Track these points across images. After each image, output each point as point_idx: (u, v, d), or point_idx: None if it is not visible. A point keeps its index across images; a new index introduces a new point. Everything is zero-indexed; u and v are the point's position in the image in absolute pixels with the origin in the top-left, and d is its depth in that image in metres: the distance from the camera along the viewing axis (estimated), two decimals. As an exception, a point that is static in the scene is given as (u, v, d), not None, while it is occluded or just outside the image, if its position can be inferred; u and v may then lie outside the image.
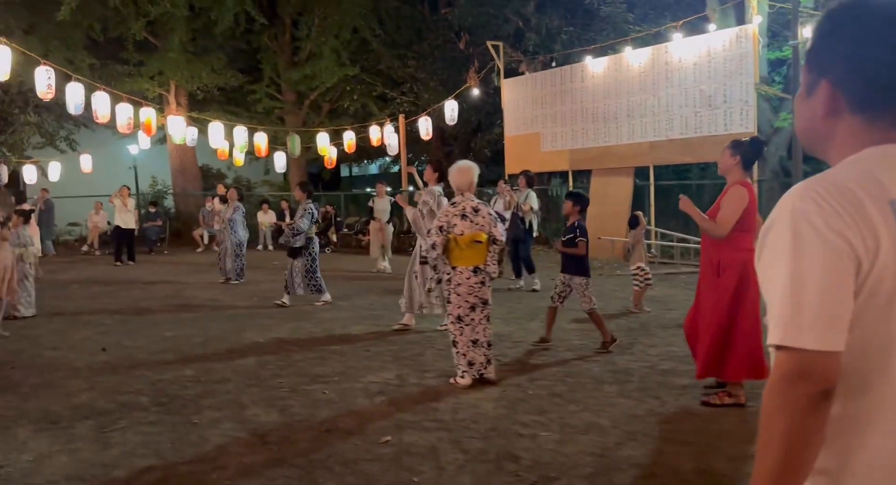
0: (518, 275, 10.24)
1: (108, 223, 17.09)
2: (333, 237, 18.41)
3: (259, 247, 18.52)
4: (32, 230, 9.49)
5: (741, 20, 12.19)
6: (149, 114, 12.91)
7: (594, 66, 13.86)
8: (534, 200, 10.02)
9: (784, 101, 13.32)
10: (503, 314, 8.05)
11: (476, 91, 16.14)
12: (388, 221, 13.33)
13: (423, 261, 7.30)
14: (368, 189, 29.45)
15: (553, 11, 16.74)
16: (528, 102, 15.21)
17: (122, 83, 17.30)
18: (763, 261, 1.15)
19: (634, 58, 13.17)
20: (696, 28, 12.57)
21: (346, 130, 16.75)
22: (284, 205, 18.43)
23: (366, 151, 20.40)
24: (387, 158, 27.64)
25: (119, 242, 15.23)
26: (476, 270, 5.27)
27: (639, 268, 8.29)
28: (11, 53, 10.11)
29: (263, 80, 20.02)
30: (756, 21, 11.39)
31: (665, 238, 13.19)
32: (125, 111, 12.05)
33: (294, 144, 16.96)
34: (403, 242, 16.31)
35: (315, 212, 9.30)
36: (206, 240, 18.37)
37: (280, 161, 18.64)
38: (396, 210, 13.42)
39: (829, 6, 1.23)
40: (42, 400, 5.14)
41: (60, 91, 11.22)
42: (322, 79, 19.03)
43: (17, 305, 8.47)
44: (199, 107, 19.73)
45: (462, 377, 5.33)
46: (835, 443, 1.11)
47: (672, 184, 14.98)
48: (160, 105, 17.98)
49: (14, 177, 19.61)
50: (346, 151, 17.08)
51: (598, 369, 5.76)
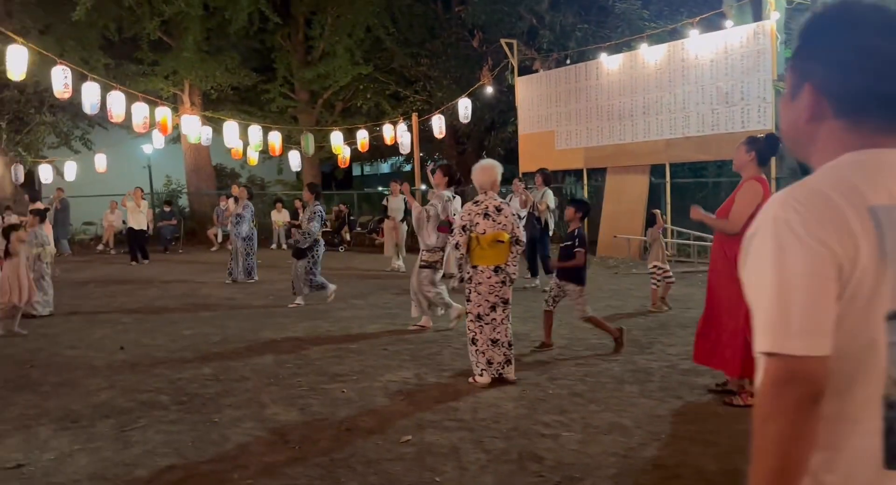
0: (534, 274, 10.18)
1: (123, 222, 17.19)
2: (347, 236, 18.41)
3: (273, 246, 18.55)
4: (47, 229, 9.53)
5: (758, 16, 12.06)
6: (164, 113, 12.96)
7: (609, 64, 13.78)
8: (550, 199, 9.96)
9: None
10: (520, 313, 7.99)
11: (489, 89, 16.08)
12: (402, 220, 13.31)
13: (424, 265, 7.27)
14: (381, 188, 29.49)
15: (567, 9, 16.65)
16: (543, 100, 15.14)
17: (137, 83, 17.37)
18: (748, 268, 1.16)
19: (650, 55, 13.08)
20: (713, 25, 12.47)
21: (360, 128, 16.76)
22: (298, 204, 18.44)
23: (378, 149, 20.40)
24: (399, 158, 27.63)
25: (133, 243, 15.39)
26: (497, 270, 5.24)
27: (655, 266, 8.23)
28: (28, 53, 10.17)
29: (277, 80, 20.06)
30: (773, 17, 11.28)
31: (682, 236, 13.09)
32: (141, 110, 12.10)
33: (308, 142, 17.00)
34: (417, 240, 16.26)
35: (323, 214, 9.27)
36: (221, 239, 18.42)
37: (294, 160, 18.70)
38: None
39: (815, 10, 1.23)
40: (62, 399, 5.16)
41: (76, 91, 11.28)
42: (335, 78, 19.03)
43: (35, 303, 8.51)
44: (213, 106, 19.79)
45: (481, 376, 5.30)
46: (819, 439, 1.12)
47: (688, 182, 14.88)
48: (174, 104, 18.06)
49: (30, 176, 19.74)
50: (360, 149, 17.09)
51: (618, 368, 5.71)
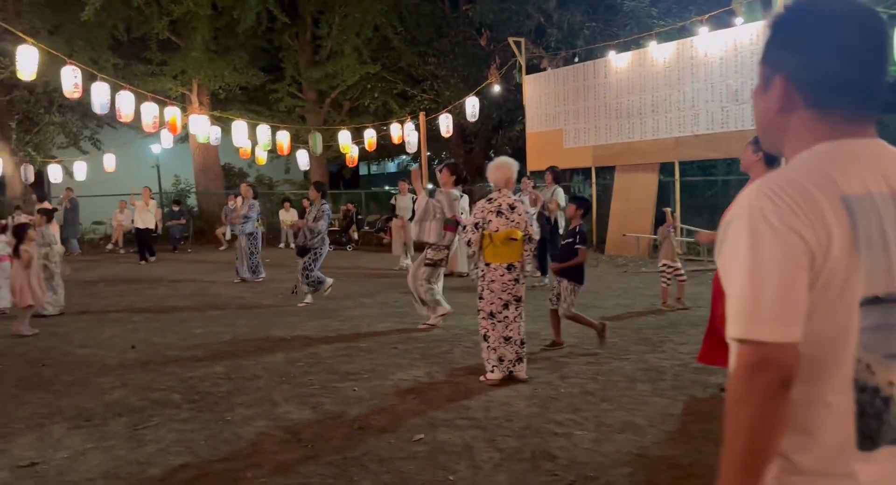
0: (543, 273, 10.16)
1: (132, 221, 17.27)
2: (355, 235, 18.44)
3: (281, 245, 18.59)
4: (53, 229, 9.55)
5: (768, 13, 12.00)
6: (174, 112, 12.99)
7: (617, 62, 13.74)
8: (561, 197, 9.92)
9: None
10: (529, 312, 7.87)
11: (497, 88, 16.05)
12: (411, 219, 13.28)
13: (428, 263, 7.25)
14: (388, 187, 29.50)
15: (575, 7, 16.60)
16: (551, 99, 15.10)
17: (146, 83, 17.43)
18: (723, 257, 1.19)
19: (659, 53, 13.03)
20: (722, 22, 12.40)
21: (367, 127, 16.76)
22: (306, 203, 18.46)
23: (386, 149, 20.40)
24: (405, 157, 27.63)
25: (141, 242, 15.49)
26: (510, 268, 5.22)
27: (665, 265, 8.20)
28: (38, 54, 10.20)
29: (285, 79, 20.08)
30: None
31: (691, 235, 13.03)
32: (150, 110, 12.13)
33: (316, 142, 17.01)
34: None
35: (330, 212, 9.25)
36: (230, 238, 18.46)
37: (302, 159, 18.72)
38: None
39: (786, 4, 1.27)
40: (75, 397, 5.17)
41: (85, 91, 11.31)
42: (343, 77, 19.04)
43: (46, 304, 8.54)
44: (222, 106, 19.84)
45: (492, 372, 5.29)
46: (791, 426, 1.17)
47: (697, 180, 14.82)
48: (183, 104, 18.10)
49: (39, 177, 19.82)
50: (367, 149, 17.09)
51: (630, 367, 5.69)
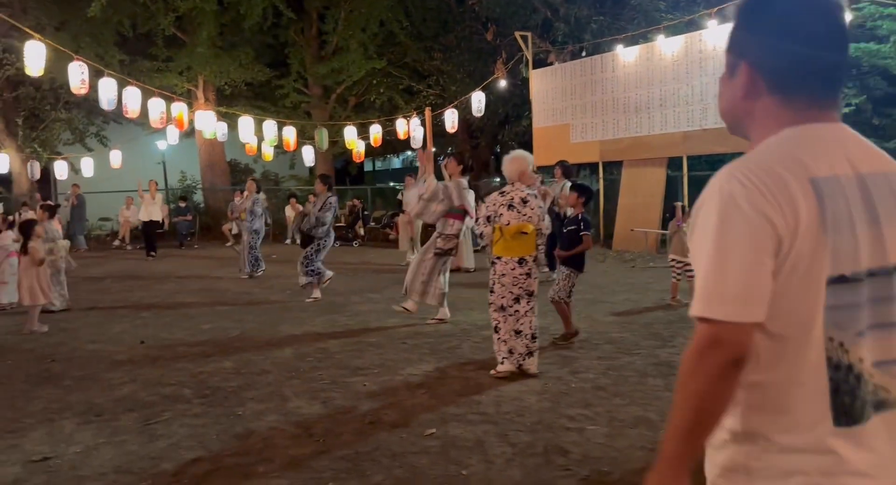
0: (552, 268, 10.12)
1: (138, 217, 17.31)
2: (360, 231, 18.42)
3: (287, 241, 18.58)
4: (56, 225, 9.53)
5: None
6: (180, 108, 12.98)
7: (625, 56, 13.67)
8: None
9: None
10: (539, 307, 7.94)
11: (503, 83, 15.99)
12: (416, 216, 13.25)
13: (439, 252, 7.24)
14: (393, 183, 29.47)
15: (582, 1, 16.51)
16: (558, 93, 15.04)
17: (151, 79, 17.42)
18: (693, 238, 1.22)
19: (667, 46, 12.96)
20: (731, 15, 12.31)
21: (373, 123, 16.72)
22: (312, 199, 18.44)
23: (391, 144, 20.36)
24: (410, 153, 27.59)
25: (147, 235, 15.56)
26: (521, 262, 5.20)
27: (674, 260, 8.16)
28: (44, 50, 10.19)
29: (291, 75, 20.05)
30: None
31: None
32: (157, 106, 12.12)
33: (322, 138, 16.98)
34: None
35: (336, 205, 9.23)
36: (237, 233, 18.48)
37: (308, 155, 18.70)
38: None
39: None
40: (85, 393, 5.17)
41: (92, 87, 11.31)
42: (349, 72, 19.00)
43: (53, 299, 8.54)
44: (227, 102, 19.82)
45: (502, 363, 5.28)
46: (765, 405, 1.21)
47: (706, 175, 14.68)
48: (189, 100, 18.10)
49: (45, 173, 19.85)
50: (372, 144, 17.06)
51: (641, 362, 5.66)
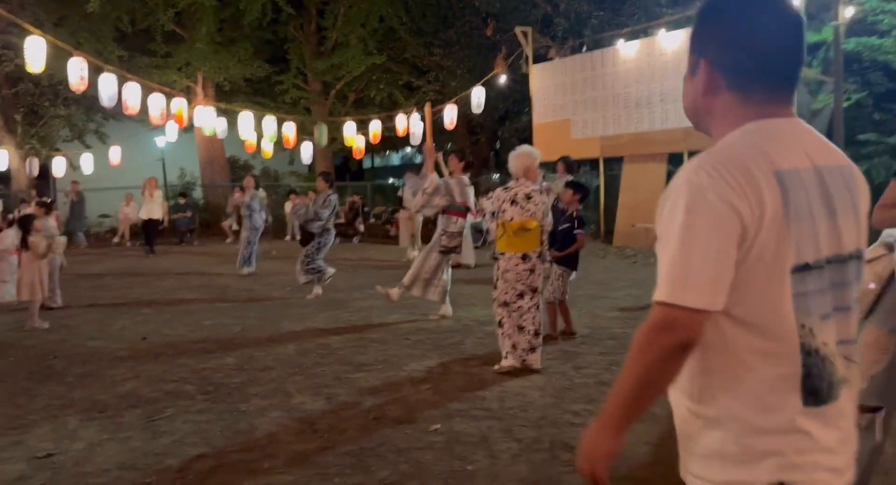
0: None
1: (138, 214, 17.27)
2: (361, 227, 18.40)
3: (287, 238, 18.56)
4: (52, 221, 9.48)
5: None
6: (180, 104, 12.93)
7: (626, 51, 13.63)
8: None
9: (823, 85, 13.00)
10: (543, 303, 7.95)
11: (504, 78, 15.94)
12: (418, 210, 13.23)
13: (444, 250, 7.22)
14: (392, 180, 29.44)
15: (582, -4, 16.48)
16: (558, 89, 15.01)
17: (150, 75, 17.35)
18: (660, 226, 1.27)
19: (668, 41, 12.92)
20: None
21: (373, 119, 16.68)
22: (312, 195, 18.42)
23: (391, 140, 20.30)
24: (412, 149, 27.53)
25: (147, 233, 15.54)
26: (525, 257, 5.18)
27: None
28: (45, 45, 10.14)
29: (290, 71, 19.99)
30: (794, 2, 11.12)
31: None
32: (158, 102, 12.07)
33: (321, 134, 16.93)
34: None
35: (336, 203, 9.20)
36: (237, 229, 18.46)
37: (306, 151, 18.65)
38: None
39: None
40: (88, 389, 5.15)
41: (91, 83, 11.25)
42: (348, 68, 18.93)
43: (53, 296, 8.52)
44: (226, 98, 19.75)
45: (505, 358, 5.28)
46: (737, 390, 1.26)
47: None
48: (188, 96, 18.05)
49: (44, 170, 19.80)
50: (372, 140, 17.02)
51: (644, 357, 5.64)
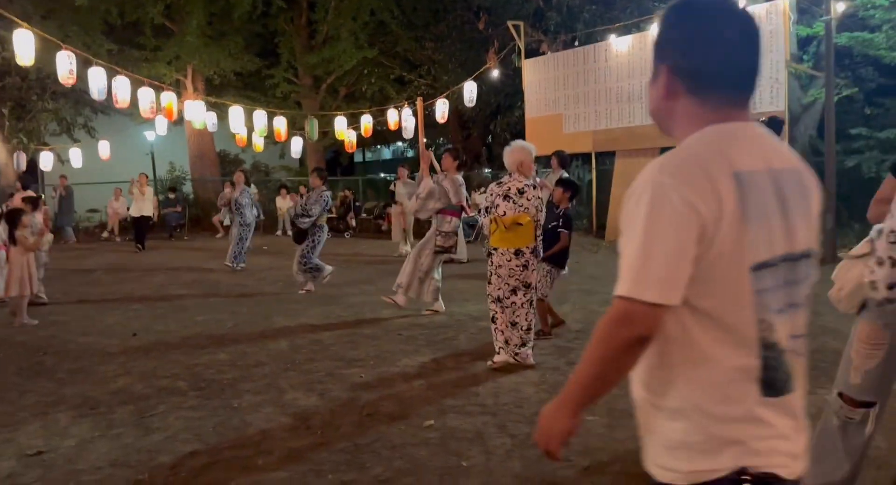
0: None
1: (128, 210, 17.15)
2: (352, 222, 18.35)
3: (278, 232, 18.50)
4: (39, 217, 9.39)
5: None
6: (170, 98, 12.84)
7: (618, 45, 13.61)
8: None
9: (815, 79, 13.03)
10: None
11: (496, 73, 15.90)
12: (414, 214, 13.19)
13: (439, 250, 7.18)
14: (383, 174, 29.37)
15: (574, -10, 16.44)
16: (550, 83, 14.98)
17: (140, 68, 17.23)
18: (624, 223, 1.33)
19: (659, 36, 12.89)
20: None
21: (364, 113, 16.63)
22: (303, 190, 18.37)
23: (382, 135, 20.24)
24: (404, 143, 27.47)
25: (139, 230, 15.43)
26: (518, 253, 5.16)
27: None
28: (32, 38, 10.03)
29: (281, 65, 19.88)
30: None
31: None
32: (147, 96, 11.98)
33: (312, 128, 16.86)
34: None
35: (329, 200, 9.14)
36: (229, 224, 18.38)
37: (297, 146, 18.58)
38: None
39: (671, 3, 1.44)
40: (79, 386, 5.11)
41: (79, 77, 11.15)
42: (339, 62, 18.85)
43: (40, 293, 8.45)
44: (217, 92, 19.64)
45: (498, 354, 5.27)
46: (700, 381, 1.33)
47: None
48: (178, 90, 17.92)
49: (32, 164, 19.63)
50: (363, 135, 16.97)
51: (638, 351, 5.65)
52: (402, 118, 15.68)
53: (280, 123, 16.04)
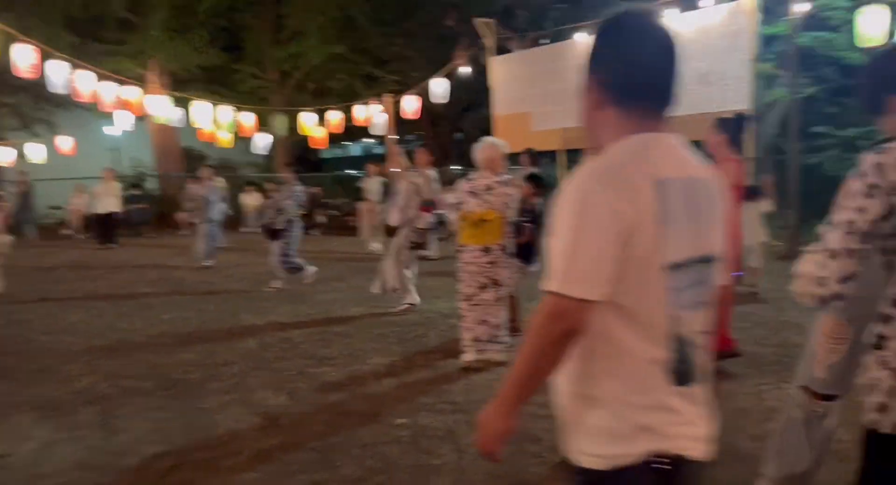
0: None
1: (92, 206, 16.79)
2: (321, 219, 18.21)
3: (244, 229, 18.28)
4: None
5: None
6: (134, 92, 12.60)
7: (585, 43, 13.68)
8: (536, 180, 9.88)
9: (776, 79, 13.26)
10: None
11: (468, 69, 15.88)
12: (380, 202, 13.16)
13: (413, 245, 7.19)
14: (351, 171, 29.16)
15: (543, -12, 16.50)
16: (518, 81, 15.00)
17: (103, 63, 16.85)
18: (554, 225, 1.42)
19: (627, 35, 12.99)
20: (691, 3, 12.41)
21: (333, 109, 16.48)
22: (272, 187, 18.16)
23: (350, 131, 20.08)
24: (373, 141, 27.33)
25: (101, 226, 15.08)
26: (486, 250, 5.17)
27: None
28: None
29: (247, 59, 19.62)
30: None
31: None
32: (110, 90, 11.74)
33: (280, 124, 16.68)
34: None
35: (301, 195, 9.06)
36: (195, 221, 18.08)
37: (263, 142, 18.36)
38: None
39: (602, 21, 1.53)
40: (41, 386, 5.00)
41: (40, 70, 10.88)
42: (307, 57, 18.67)
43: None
44: (182, 87, 19.30)
45: (467, 352, 5.27)
46: (618, 372, 1.44)
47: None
48: (142, 84, 17.59)
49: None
50: (331, 131, 16.82)
51: (607, 347, 5.70)
52: (371, 115, 15.61)
53: (247, 118, 15.86)
